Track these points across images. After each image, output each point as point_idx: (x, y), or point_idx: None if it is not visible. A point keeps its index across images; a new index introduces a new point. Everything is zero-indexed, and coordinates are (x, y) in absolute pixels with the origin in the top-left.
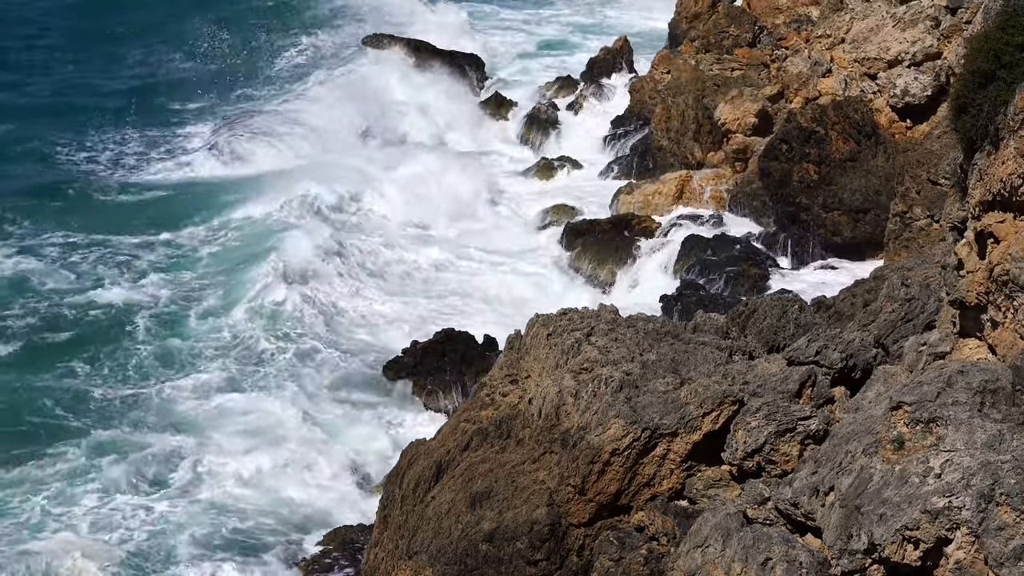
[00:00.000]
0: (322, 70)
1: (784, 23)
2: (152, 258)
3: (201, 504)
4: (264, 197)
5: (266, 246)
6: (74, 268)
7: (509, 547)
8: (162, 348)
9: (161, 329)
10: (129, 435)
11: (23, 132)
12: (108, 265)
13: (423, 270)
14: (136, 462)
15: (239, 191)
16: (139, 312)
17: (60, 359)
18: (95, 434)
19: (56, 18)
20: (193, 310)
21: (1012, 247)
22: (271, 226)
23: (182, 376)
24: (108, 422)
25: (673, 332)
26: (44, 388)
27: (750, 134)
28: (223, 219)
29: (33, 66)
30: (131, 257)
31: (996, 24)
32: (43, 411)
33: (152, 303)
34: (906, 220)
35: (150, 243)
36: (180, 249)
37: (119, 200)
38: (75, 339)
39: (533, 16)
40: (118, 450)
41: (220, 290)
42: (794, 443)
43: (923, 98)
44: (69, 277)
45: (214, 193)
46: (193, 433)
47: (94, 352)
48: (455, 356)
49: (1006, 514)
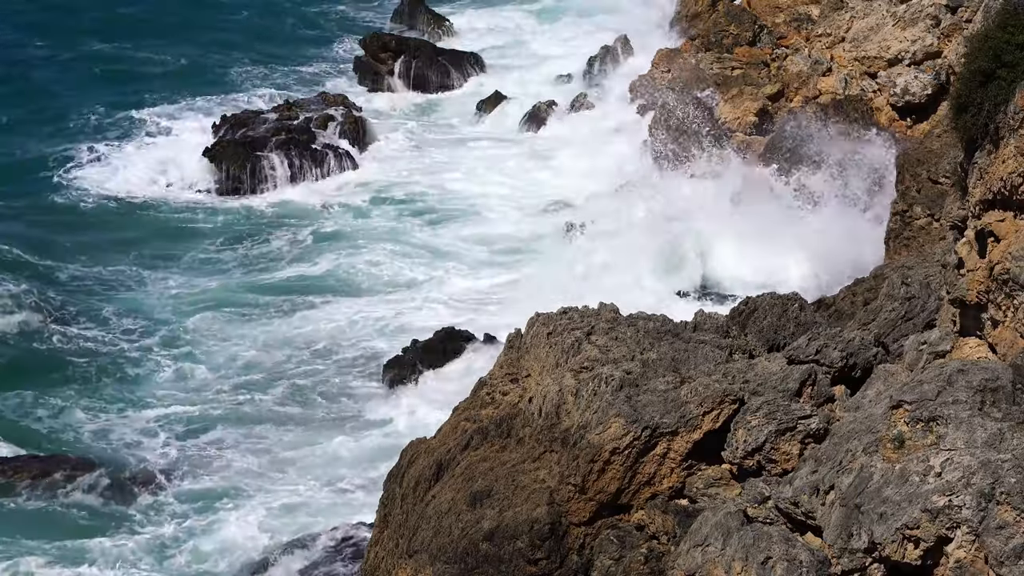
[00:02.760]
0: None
1: (784, 22)
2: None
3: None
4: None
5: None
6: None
7: (509, 546)
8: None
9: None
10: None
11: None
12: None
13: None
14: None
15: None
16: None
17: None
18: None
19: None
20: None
21: (1012, 246)
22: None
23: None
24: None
25: (673, 331)
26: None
27: (750, 133)
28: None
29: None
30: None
31: (996, 23)
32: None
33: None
34: (906, 219)
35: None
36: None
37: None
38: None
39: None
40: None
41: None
42: (794, 442)
43: (923, 97)
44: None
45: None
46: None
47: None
48: (455, 355)
49: (1006, 513)
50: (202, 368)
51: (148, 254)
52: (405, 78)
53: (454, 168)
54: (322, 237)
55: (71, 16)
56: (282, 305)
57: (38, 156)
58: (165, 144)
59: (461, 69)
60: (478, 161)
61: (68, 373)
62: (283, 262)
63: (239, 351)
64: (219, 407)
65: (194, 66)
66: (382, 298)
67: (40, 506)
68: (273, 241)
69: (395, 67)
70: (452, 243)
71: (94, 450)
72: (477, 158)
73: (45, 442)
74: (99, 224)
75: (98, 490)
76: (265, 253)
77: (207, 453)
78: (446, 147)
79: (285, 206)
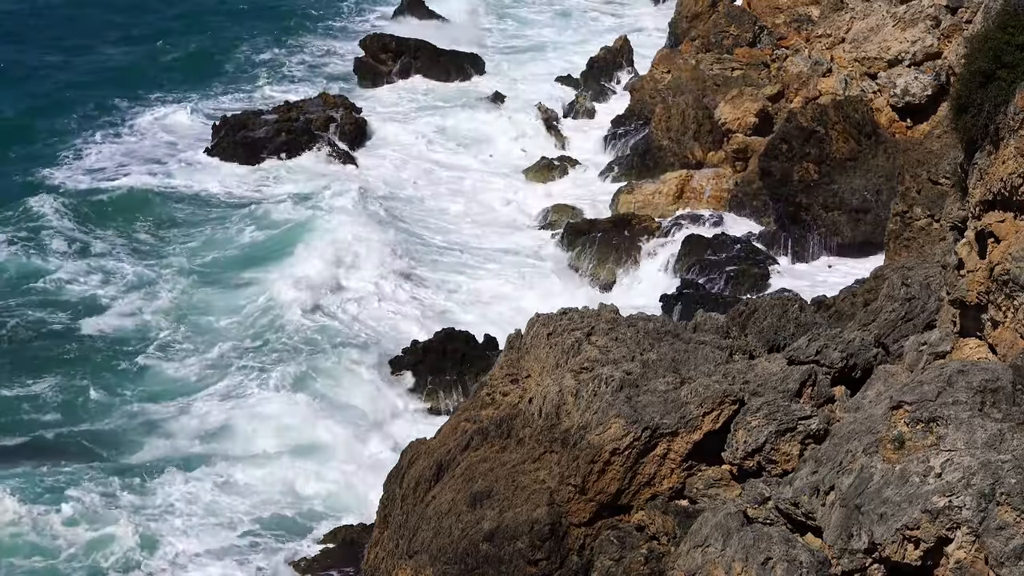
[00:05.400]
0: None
1: (784, 23)
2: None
3: (202, 501)
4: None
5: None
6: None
7: (509, 546)
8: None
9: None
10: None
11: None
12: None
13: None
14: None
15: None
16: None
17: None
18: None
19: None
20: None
21: (1012, 246)
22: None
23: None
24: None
25: (673, 331)
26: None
27: (750, 134)
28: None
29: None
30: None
31: (996, 24)
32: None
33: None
34: (906, 219)
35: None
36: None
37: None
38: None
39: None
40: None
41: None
42: (794, 442)
43: (923, 98)
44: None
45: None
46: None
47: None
48: (455, 355)
49: (1006, 513)
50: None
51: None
52: (405, 78)
53: (455, 168)
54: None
55: (72, 13)
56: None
57: (36, 154)
58: (165, 144)
59: (461, 69)
60: (478, 161)
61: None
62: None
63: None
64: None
65: (194, 66)
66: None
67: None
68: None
69: (395, 67)
70: (453, 242)
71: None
72: (477, 159)
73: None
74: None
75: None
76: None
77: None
78: (447, 147)
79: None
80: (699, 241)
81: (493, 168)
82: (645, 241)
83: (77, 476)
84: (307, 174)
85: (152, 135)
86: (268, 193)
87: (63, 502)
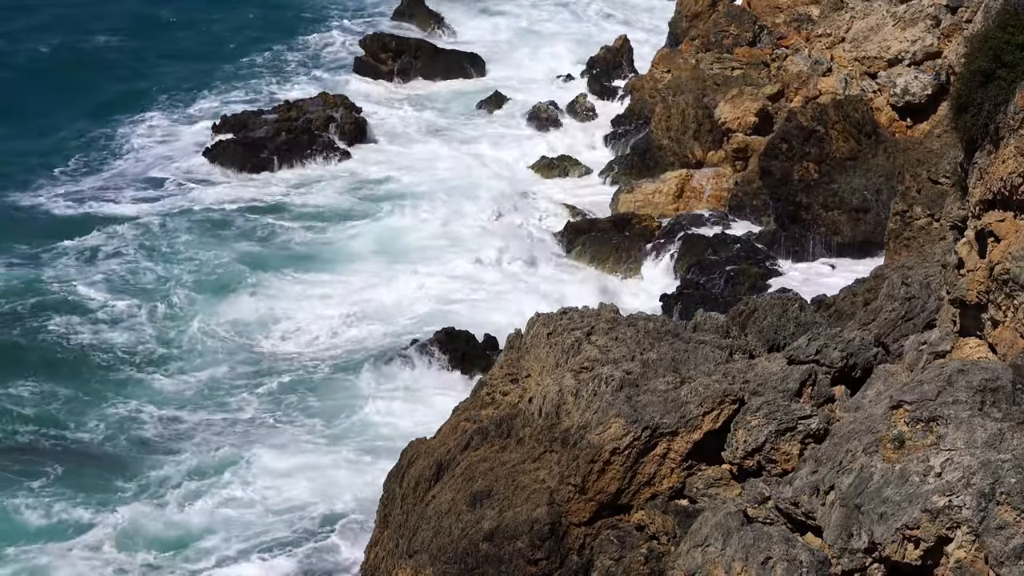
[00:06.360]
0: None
1: (784, 22)
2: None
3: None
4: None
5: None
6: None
7: (509, 546)
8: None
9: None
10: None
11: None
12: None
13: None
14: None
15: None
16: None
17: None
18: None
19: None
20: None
21: (1012, 246)
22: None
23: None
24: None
25: (673, 331)
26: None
27: (750, 133)
28: None
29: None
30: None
31: (996, 23)
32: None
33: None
34: (906, 219)
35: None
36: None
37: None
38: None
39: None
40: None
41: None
42: (794, 442)
43: (923, 97)
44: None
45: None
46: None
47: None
48: (455, 355)
49: (1006, 513)
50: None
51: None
52: (405, 78)
53: (454, 168)
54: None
55: (71, 12)
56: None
57: (35, 155)
58: (165, 144)
59: (461, 69)
60: (478, 161)
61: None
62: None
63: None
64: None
65: (194, 67)
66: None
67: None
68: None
69: (395, 67)
70: (452, 243)
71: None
72: (477, 158)
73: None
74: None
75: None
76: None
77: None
78: (446, 147)
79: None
80: (699, 241)
81: (493, 168)
82: (645, 241)
83: (82, 482)
84: (306, 180)
85: (151, 136)
86: (268, 203)
87: (65, 513)
